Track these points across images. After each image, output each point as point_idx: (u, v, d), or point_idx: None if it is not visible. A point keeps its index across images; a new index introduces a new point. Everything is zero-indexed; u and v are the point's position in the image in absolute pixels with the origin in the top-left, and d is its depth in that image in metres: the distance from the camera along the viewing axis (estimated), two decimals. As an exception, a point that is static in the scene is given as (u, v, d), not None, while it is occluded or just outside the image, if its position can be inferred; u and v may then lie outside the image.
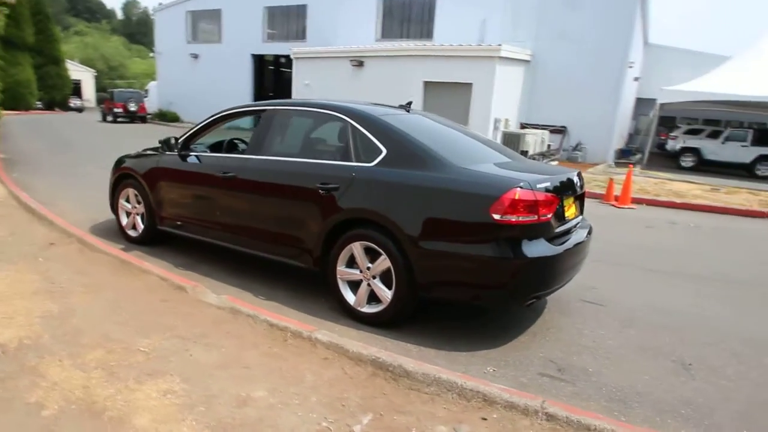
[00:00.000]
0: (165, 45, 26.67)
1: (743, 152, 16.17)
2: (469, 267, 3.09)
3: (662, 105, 15.54)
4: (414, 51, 15.68)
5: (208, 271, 4.37)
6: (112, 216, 5.85)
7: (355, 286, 3.55)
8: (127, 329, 3.07)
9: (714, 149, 16.78)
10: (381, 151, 3.44)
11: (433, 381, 2.61)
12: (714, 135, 17.67)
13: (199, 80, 24.88)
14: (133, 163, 4.98)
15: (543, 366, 3.07)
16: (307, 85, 17.81)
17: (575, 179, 3.63)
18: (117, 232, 5.30)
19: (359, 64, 16.68)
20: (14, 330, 2.93)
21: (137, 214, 5.02)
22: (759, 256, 6.25)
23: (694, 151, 17.08)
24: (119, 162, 5.20)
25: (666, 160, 18.54)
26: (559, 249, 3.19)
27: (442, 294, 3.25)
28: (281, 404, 2.43)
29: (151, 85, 28.99)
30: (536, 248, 3.06)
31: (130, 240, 5.09)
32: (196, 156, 4.50)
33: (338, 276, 3.57)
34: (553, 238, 3.23)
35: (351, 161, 3.54)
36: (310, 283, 4.16)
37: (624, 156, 18.09)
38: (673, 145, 18.97)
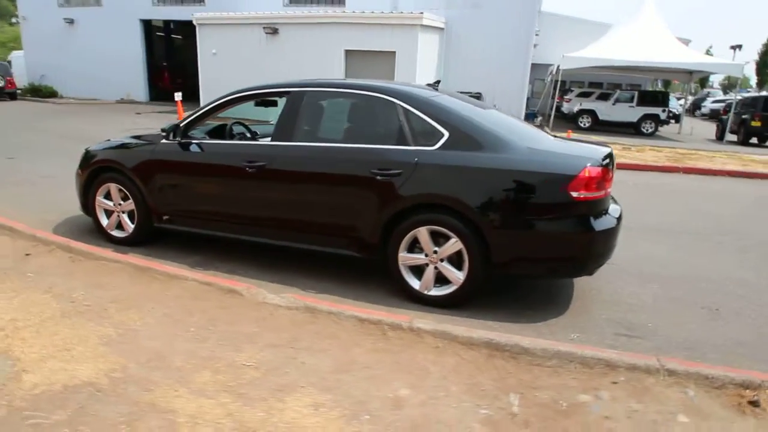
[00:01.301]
0: (31, 8, 22.89)
1: (631, 112, 18.21)
2: (546, 243, 3.24)
3: (564, 70, 16.85)
4: (334, 18, 15.20)
5: (232, 268, 4.05)
6: (70, 214, 5.20)
7: (415, 270, 3.55)
8: (210, 344, 2.79)
9: (607, 110, 18.68)
10: (442, 134, 3.40)
11: (553, 354, 2.75)
12: (603, 97, 19.61)
13: (77, 50, 21.82)
14: (116, 154, 4.37)
15: (613, 327, 3.35)
16: (215, 54, 16.52)
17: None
18: (91, 233, 4.67)
19: (273, 31, 15.79)
20: (89, 364, 2.51)
21: (122, 212, 4.45)
22: (694, 206, 7.23)
23: (591, 113, 18.87)
24: (90, 155, 4.53)
25: (565, 122, 20.24)
26: (615, 220, 3.45)
27: (519, 270, 3.37)
28: (431, 399, 2.41)
29: (15, 56, 24.78)
30: (603, 221, 3.28)
31: (114, 241, 4.52)
32: (200, 144, 4.07)
33: (400, 262, 3.53)
34: (607, 210, 3.48)
35: (409, 145, 3.45)
36: (349, 271, 4.05)
37: (528, 120, 19.45)
38: (569, 107, 20.75)
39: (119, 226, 4.53)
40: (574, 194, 3.13)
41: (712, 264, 4.69)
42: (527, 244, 3.26)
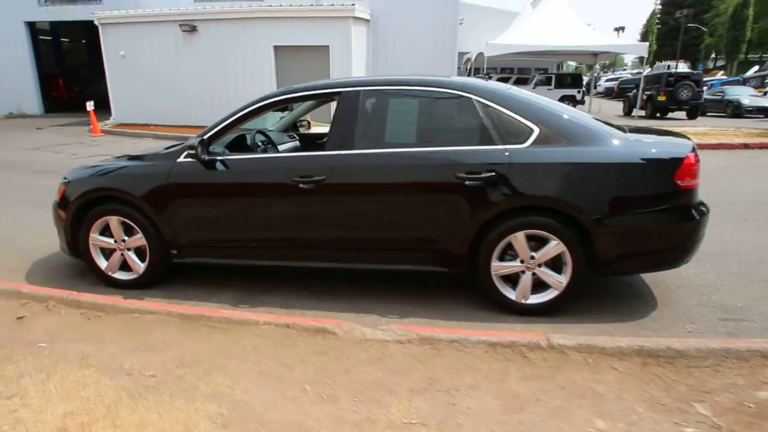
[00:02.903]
0: None
1: (550, 95, 19.14)
2: (653, 235, 3.10)
3: (489, 57, 17.30)
4: (260, 12, 14.26)
5: (284, 301, 3.50)
6: (37, 257, 4.31)
7: (505, 279, 3.27)
8: (346, 404, 2.30)
9: (529, 94, 19.51)
10: (532, 130, 3.12)
11: (708, 353, 2.60)
12: (521, 82, 20.52)
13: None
14: (117, 181, 3.58)
15: (711, 312, 3.30)
16: (123, 56, 14.86)
17: None
18: (76, 277, 3.86)
19: (191, 29, 14.51)
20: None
21: (128, 250, 3.68)
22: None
23: (514, 98, 19.59)
24: (75, 185, 3.68)
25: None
26: (706, 208, 3.38)
27: (623, 267, 3.20)
28: (632, 427, 2.15)
29: None
30: (699, 209, 3.20)
31: (119, 285, 3.74)
32: (232, 161, 3.45)
33: (493, 272, 3.23)
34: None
35: (495, 144, 3.14)
36: (411, 288, 3.67)
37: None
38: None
39: (123, 266, 3.75)
40: (680, 182, 3.02)
41: (750, 237, 4.79)
42: (635, 238, 3.09)
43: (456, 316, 3.29)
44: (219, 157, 3.45)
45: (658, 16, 50.57)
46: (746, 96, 18.04)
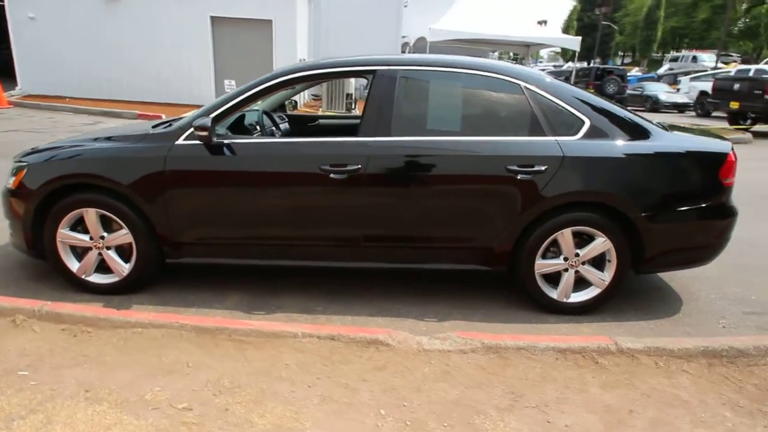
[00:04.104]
0: None
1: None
2: (695, 232, 3.06)
3: (431, 43, 17.22)
4: (195, -22, 13.04)
5: (304, 305, 3.10)
6: None
7: (545, 277, 3.12)
8: (442, 428, 2.01)
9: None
10: (583, 122, 2.96)
11: (766, 351, 2.62)
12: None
13: None
14: (98, 166, 2.95)
15: (734, 305, 3.34)
16: (33, 19, 12.99)
17: None
18: (40, 282, 3.20)
19: (114, -8, 12.97)
20: None
21: (106, 248, 3.08)
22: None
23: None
24: (37, 170, 3.01)
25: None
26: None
27: (664, 265, 3.16)
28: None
29: None
30: (733, 206, 3.21)
31: (97, 290, 3.14)
32: (243, 145, 2.97)
33: (536, 270, 3.06)
34: None
35: (546, 136, 2.94)
36: (447, 284, 3.43)
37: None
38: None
39: (100, 267, 3.14)
40: (723, 179, 3.01)
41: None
42: (679, 234, 3.04)
43: (495, 316, 3.08)
44: (231, 140, 2.95)
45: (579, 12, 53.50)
46: (663, 92, 19.53)
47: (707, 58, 30.88)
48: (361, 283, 3.39)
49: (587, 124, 2.95)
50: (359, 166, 2.86)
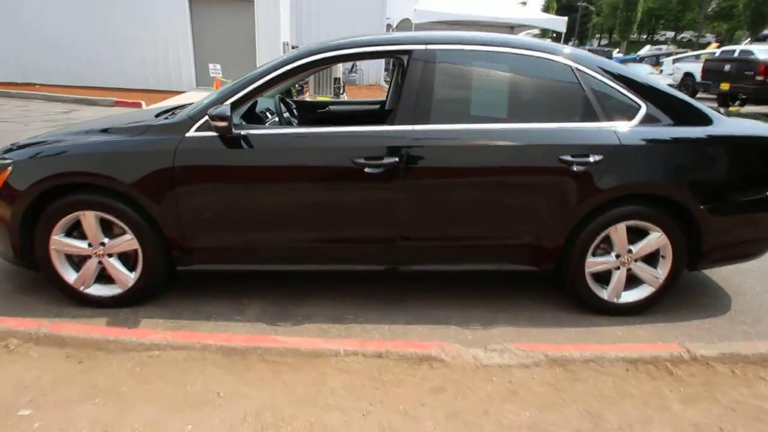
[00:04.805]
0: None
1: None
2: (751, 223, 2.85)
3: (416, 24, 16.79)
4: (170, -44, 12.33)
5: (329, 314, 2.80)
6: None
7: (594, 276, 2.88)
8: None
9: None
10: (639, 107, 2.69)
11: None
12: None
13: None
14: (97, 163, 2.57)
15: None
16: (-6, -1, 12.12)
17: None
18: (33, 297, 2.83)
19: (82, -31, 12.17)
20: None
21: (107, 256, 2.72)
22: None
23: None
24: (26, 168, 2.61)
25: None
26: None
27: (719, 259, 2.93)
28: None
29: None
30: None
31: (96, 303, 2.78)
32: (264, 135, 2.63)
33: (587, 269, 2.81)
34: None
35: (599, 122, 2.67)
36: (482, 285, 3.17)
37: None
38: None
39: (100, 277, 2.78)
40: (776, 165, 2.80)
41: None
42: (737, 227, 2.82)
43: (542, 320, 2.84)
44: (249, 131, 2.60)
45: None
46: (646, 74, 19.45)
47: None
48: (392, 286, 3.11)
49: (643, 108, 2.69)
50: (396, 158, 2.55)
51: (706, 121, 2.75)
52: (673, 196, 2.68)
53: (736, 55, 14.06)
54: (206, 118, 2.55)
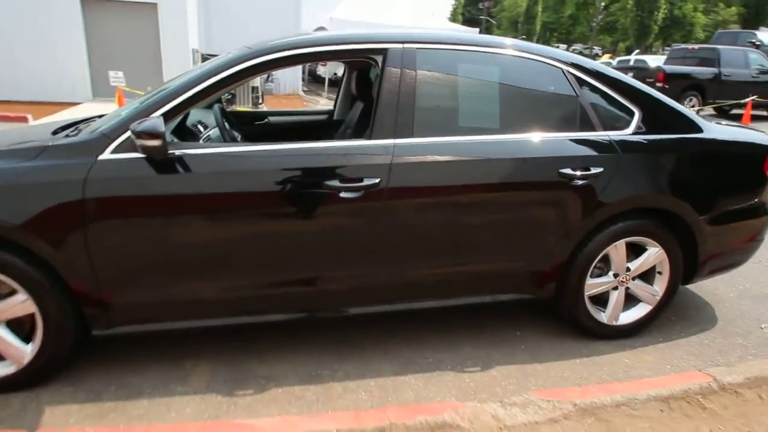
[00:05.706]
0: None
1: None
2: (741, 232, 2.74)
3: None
4: (55, -48, 10.91)
5: (301, 372, 2.28)
6: None
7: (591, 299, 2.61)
8: None
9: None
10: (633, 114, 2.47)
11: None
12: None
13: None
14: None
15: (763, 306, 3.09)
16: None
17: None
18: None
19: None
20: None
21: (-5, 324, 2.00)
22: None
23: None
24: None
25: (319, 85, 20.44)
26: None
27: (711, 271, 2.76)
28: None
29: None
30: None
31: (-25, 391, 2.04)
32: (204, 156, 2.06)
33: (586, 292, 2.53)
34: None
35: (595, 130, 2.41)
36: (448, 317, 2.79)
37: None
38: (327, 70, 20.76)
39: (-17, 354, 2.04)
40: (767, 172, 2.72)
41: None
42: (729, 236, 2.69)
43: (541, 352, 2.51)
44: (185, 150, 2.02)
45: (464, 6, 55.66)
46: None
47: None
48: (365, 328, 2.63)
49: (637, 116, 2.48)
50: (378, 179, 2.09)
51: (698, 129, 2.59)
52: (673, 209, 2.48)
53: (631, 64, 15.35)
54: (128, 134, 1.93)
